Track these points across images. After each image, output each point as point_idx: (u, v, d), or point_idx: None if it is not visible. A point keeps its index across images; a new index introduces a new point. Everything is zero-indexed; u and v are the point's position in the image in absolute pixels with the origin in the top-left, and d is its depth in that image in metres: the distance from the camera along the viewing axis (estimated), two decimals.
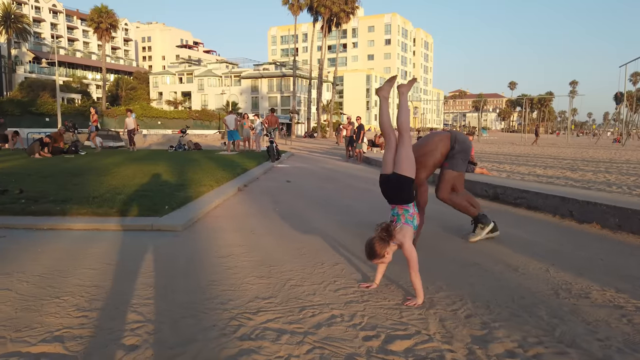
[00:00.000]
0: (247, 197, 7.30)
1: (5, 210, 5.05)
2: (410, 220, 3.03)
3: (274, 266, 3.66)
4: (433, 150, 4.30)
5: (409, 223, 3.02)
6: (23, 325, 2.55)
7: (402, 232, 2.96)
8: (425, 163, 4.25)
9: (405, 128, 3.22)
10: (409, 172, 3.09)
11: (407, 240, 2.94)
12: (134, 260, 3.78)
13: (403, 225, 2.99)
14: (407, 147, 3.13)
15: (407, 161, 3.10)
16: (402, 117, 3.29)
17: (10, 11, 58.53)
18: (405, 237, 2.94)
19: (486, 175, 9.22)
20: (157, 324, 2.59)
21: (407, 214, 3.04)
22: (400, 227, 2.98)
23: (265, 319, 2.66)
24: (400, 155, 3.12)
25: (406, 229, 2.98)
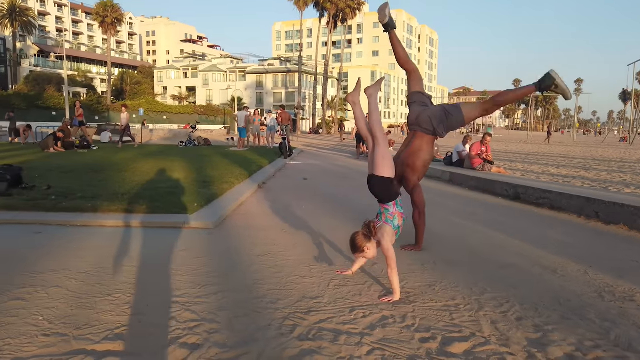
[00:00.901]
0: (268, 194, 7.33)
1: (37, 206, 5.09)
2: (390, 220, 3.13)
3: (313, 266, 3.69)
4: (418, 151, 4.23)
5: (389, 222, 3.12)
6: (82, 322, 2.59)
7: (381, 230, 3.07)
8: (414, 165, 4.20)
9: (377, 130, 3.27)
10: (386, 172, 3.18)
11: (385, 238, 3.04)
12: (173, 258, 3.81)
13: (382, 224, 3.11)
14: (382, 148, 3.22)
15: (382, 162, 3.18)
16: (373, 119, 3.30)
17: (15, 4, 58.44)
18: (384, 236, 3.04)
19: (505, 175, 9.23)
20: (213, 322, 2.62)
21: (387, 213, 3.15)
22: (380, 226, 3.10)
23: (318, 319, 2.69)
24: (376, 156, 3.21)
25: (385, 228, 3.09)
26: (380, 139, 3.22)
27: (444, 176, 9.76)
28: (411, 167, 4.20)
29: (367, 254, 3.06)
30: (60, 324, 2.57)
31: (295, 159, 14.92)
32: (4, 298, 2.88)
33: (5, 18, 57.95)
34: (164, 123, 47.98)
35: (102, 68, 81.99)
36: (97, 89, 69.86)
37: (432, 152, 4.36)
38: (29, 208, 5.05)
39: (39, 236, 4.35)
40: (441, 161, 12.24)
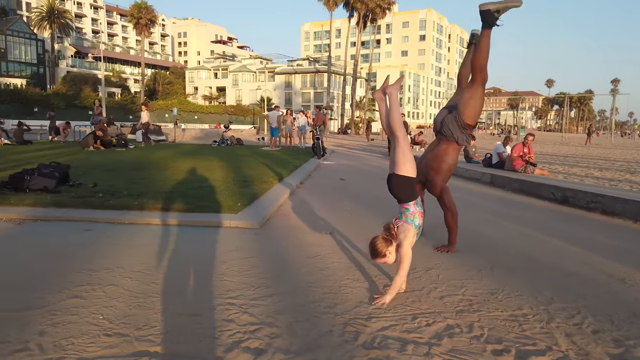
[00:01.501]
0: (308, 195, 7.26)
1: (85, 203, 5.15)
2: (410, 219, 3.02)
3: (364, 269, 3.60)
4: (444, 155, 4.17)
5: (409, 222, 3.01)
6: (142, 323, 2.56)
7: (402, 230, 2.98)
8: (439, 168, 4.14)
9: (397, 128, 3.17)
10: (406, 171, 3.07)
11: (405, 240, 2.95)
12: (224, 258, 3.77)
13: (403, 224, 3.01)
14: (402, 147, 3.11)
15: (402, 160, 3.08)
16: (393, 117, 3.21)
17: (54, 7, 60.39)
18: (406, 236, 2.95)
19: (551, 178, 8.92)
20: (273, 326, 2.56)
21: (408, 212, 3.04)
22: (400, 225, 3.01)
23: (380, 326, 2.59)
24: (396, 155, 3.11)
25: (406, 228, 2.99)
26: (401, 137, 3.13)
27: (484, 178, 9.51)
28: (435, 170, 4.15)
29: (389, 259, 2.96)
30: (120, 323, 2.55)
31: (328, 159, 14.84)
32: (62, 296, 2.88)
33: (44, 20, 59.96)
34: (195, 123, 48.67)
35: (135, 68, 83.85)
36: (130, 89, 71.51)
37: (457, 158, 4.27)
38: (77, 205, 5.12)
39: (89, 233, 4.39)
40: (478, 162, 11.96)
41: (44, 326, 2.48)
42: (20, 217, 4.76)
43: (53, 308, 2.70)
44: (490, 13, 3.71)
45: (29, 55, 69.23)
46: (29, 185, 5.50)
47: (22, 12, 75.32)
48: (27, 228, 4.54)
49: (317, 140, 14.00)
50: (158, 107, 50.92)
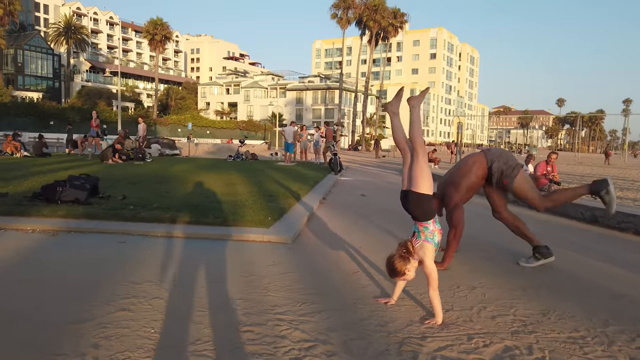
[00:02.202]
0: (332, 210, 7.21)
1: (117, 215, 5.16)
2: (430, 238, 2.95)
3: (408, 287, 3.53)
4: (467, 173, 4.16)
5: (429, 240, 2.95)
6: (194, 337, 2.52)
7: (422, 249, 2.92)
8: (459, 185, 4.14)
9: (418, 143, 3.04)
10: (424, 188, 2.95)
11: (428, 257, 2.90)
12: (263, 272, 3.73)
13: (423, 243, 2.94)
14: (421, 163, 2.99)
15: (421, 177, 2.96)
16: (414, 131, 3.09)
17: (71, 23, 61.66)
18: (426, 255, 2.90)
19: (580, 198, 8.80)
20: (328, 344, 2.50)
21: (427, 231, 2.96)
22: (420, 244, 2.94)
23: (436, 346, 2.52)
24: (414, 171, 2.99)
25: (426, 247, 2.93)
26: (420, 153, 3.00)
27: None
28: (455, 185, 4.14)
29: (408, 276, 2.93)
30: (173, 337, 2.51)
31: (345, 174, 14.82)
32: (110, 308, 2.86)
33: (61, 36, 61.20)
34: (207, 137, 49.08)
35: (148, 84, 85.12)
36: (143, 104, 72.43)
37: (482, 176, 4.21)
38: (109, 217, 5.12)
39: (123, 246, 4.37)
40: None
41: (98, 339, 2.45)
42: (54, 229, 4.76)
43: (103, 321, 2.67)
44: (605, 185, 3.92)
45: (45, 70, 70.61)
46: (60, 196, 5.52)
47: (40, 27, 77.14)
48: (61, 239, 4.54)
49: (335, 156, 14.00)
50: (171, 121, 51.48)
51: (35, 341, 2.39)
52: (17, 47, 65.53)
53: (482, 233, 5.83)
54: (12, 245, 4.26)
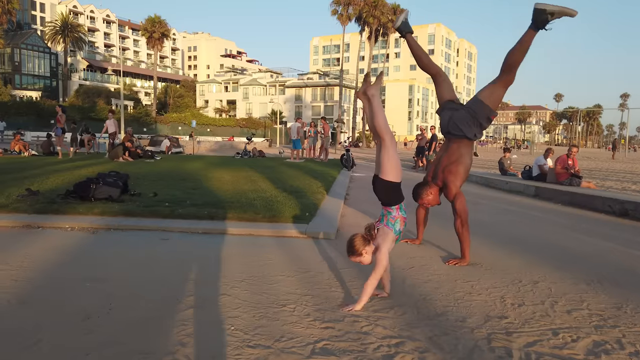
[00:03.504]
0: (359, 205, 7.15)
1: (155, 212, 5.08)
2: (391, 224, 2.96)
3: (469, 281, 3.48)
4: (458, 157, 4.02)
5: (390, 226, 2.96)
6: (277, 334, 2.46)
7: (382, 234, 2.93)
8: (457, 171, 4.00)
9: (384, 131, 3.02)
10: (390, 176, 2.99)
11: (383, 244, 2.89)
12: (319, 268, 3.68)
13: (383, 227, 2.95)
14: (389, 150, 2.98)
15: (388, 164, 2.98)
16: (377, 119, 3.05)
17: (68, 21, 61.19)
18: (384, 240, 2.90)
19: (604, 191, 8.78)
20: (416, 340, 2.44)
21: (390, 216, 2.98)
22: (381, 229, 2.95)
23: (525, 342, 2.46)
24: (382, 158, 3.00)
25: (385, 232, 2.93)
26: (387, 140, 2.99)
27: (527, 190, 9.37)
28: (454, 174, 4.01)
29: (364, 259, 2.88)
30: (256, 335, 2.45)
31: (356, 171, 14.75)
32: (181, 306, 2.79)
33: (58, 34, 60.71)
34: (207, 135, 48.84)
35: (145, 82, 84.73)
36: (142, 102, 72.10)
37: (472, 156, 4.12)
38: (147, 214, 5.04)
39: (169, 243, 4.30)
40: (514, 174, 11.83)
41: (181, 336, 2.38)
42: (93, 226, 4.68)
43: (180, 318, 2.61)
44: (544, 14, 3.54)
45: (42, 69, 70.16)
46: (94, 194, 5.43)
47: (37, 26, 76.52)
48: (103, 237, 4.46)
49: (347, 151, 13.92)
50: (172, 119, 51.25)
51: (119, 339, 2.32)
52: (14, 46, 65.06)
53: (526, 229, 5.79)
54: (58, 243, 4.17)
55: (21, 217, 4.83)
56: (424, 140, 16.09)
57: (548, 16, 3.54)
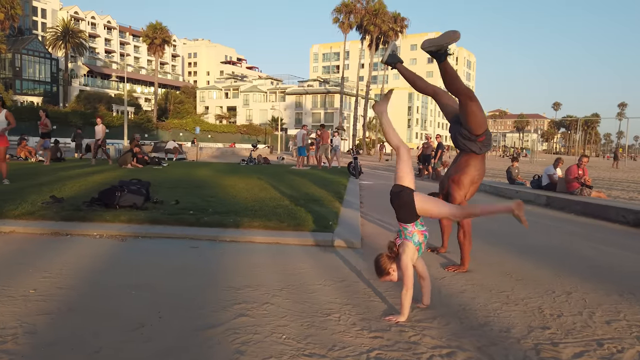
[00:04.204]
0: (376, 214, 7.19)
1: (181, 220, 5.11)
2: (409, 237, 3.03)
3: (504, 291, 3.52)
4: (465, 167, 4.05)
5: (408, 239, 3.03)
6: (328, 343, 2.49)
7: (402, 247, 3.01)
8: (459, 180, 4.04)
9: (394, 144, 3.19)
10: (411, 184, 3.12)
11: (404, 254, 2.96)
12: (352, 277, 3.72)
13: (403, 241, 3.03)
14: (406, 162, 3.14)
15: (407, 178, 3.11)
16: (388, 135, 3.24)
17: (69, 27, 61.37)
18: (404, 251, 2.97)
19: (617, 200, 8.85)
20: (467, 351, 2.48)
21: (406, 231, 3.06)
22: (401, 243, 3.03)
23: (572, 353, 2.51)
24: (400, 170, 3.14)
25: (406, 244, 3.00)
26: (402, 153, 3.15)
27: (538, 200, 9.43)
28: (456, 183, 4.05)
29: (393, 277, 2.96)
30: (308, 344, 2.48)
31: (363, 179, 14.81)
32: (228, 314, 2.82)
33: (59, 40, 60.85)
34: (208, 141, 48.90)
35: (145, 88, 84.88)
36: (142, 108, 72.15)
37: (481, 169, 4.10)
38: (172, 222, 5.07)
39: (199, 251, 4.33)
40: (522, 183, 11.91)
41: (237, 345, 2.42)
42: (121, 234, 4.71)
43: (230, 327, 2.64)
44: (435, 52, 3.65)
45: (43, 74, 70.31)
46: (119, 201, 5.47)
47: (38, 31, 76.74)
48: (132, 245, 4.49)
49: (355, 160, 13.99)
50: (173, 126, 51.28)
51: (178, 347, 2.36)
52: (15, 51, 65.22)
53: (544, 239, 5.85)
54: (90, 251, 4.20)
55: (49, 225, 4.86)
56: (430, 149, 16.17)
57: (438, 52, 3.64)
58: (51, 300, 2.92)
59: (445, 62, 3.76)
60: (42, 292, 3.05)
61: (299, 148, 18.64)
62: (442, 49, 3.68)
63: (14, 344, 2.32)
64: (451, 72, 3.79)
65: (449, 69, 3.78)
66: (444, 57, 3.73)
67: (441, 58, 3.73)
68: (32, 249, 4.20)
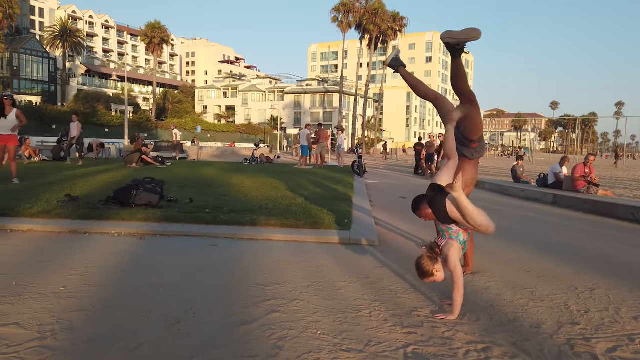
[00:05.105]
0: (385, 212, 7.20)
1: (197, 219, 5.12)
2: (454, 236, 3.04)
3: (527, 288, 3.54)
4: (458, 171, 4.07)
5: (454, 238, 3.04)
6: (364, 339, 2.51)
7: (447, 247, 2.99)
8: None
9: (452, 153, 3.35)
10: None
11: (452, 255, 2.95)
12: (377, 274, 3.73)
13: (448, 240, 3.02)
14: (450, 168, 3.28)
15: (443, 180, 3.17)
16: (450, 143, 3.42)
17: (67, 26, 61.17)
18: (450, 252, 2.96)
19: (625, 199, 8.89)
20: (502, 346, 2.50)
21: (451, 231, 3.06)
22: (445, 243, 3.02)
23: (606, 348, 2.53)
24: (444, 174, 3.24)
25: (452, 244, 3.00)
26: (452, 161, 3.33)
27: (544, 198, 9.47)
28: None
29: (437, 277, 2.95)
30: (344, 339, 2.50)
31: (368, 178, 14.84)
32: (260, 310, 2.84)
33: (57, 39, 60.62)
34: (208, 141, 48.87)
35: (143, 87, 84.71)
36: (141, 107, 72.01)
37: (474, 174, 4.03)
38: (189, 221, 5.08)
39: (219, 249, 4.34)
40: (527, 182, 11.95)
41: (274, 340, 2.44)
42: (139, 232, 4.72)
43: (264, 323, 2.65)
44: (449, 45, 3.62)
45: (41, 73, 70.07)
46: (135, 200, 5.47)
47: (36, 31, 76.45)
48: (152, 243, 4.50)
49: (360, 159, 14.01)
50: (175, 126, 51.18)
51: (216, 343, 2.37)
52: (12, 50, 64.95)
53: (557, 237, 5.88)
54: (111, 249, 4.21)
55: (66, 223, 4.86)
56: (433, 148, 16.22)
57: (455, 46, 3.60)
58: (82, 297, 2.93)
59: (459, 59, 3.75)
60: (72, 290, 3.06)
61: (302, 147, 18.65)
62: (460, 43, 3.66)
63: (54, 340, 2.33)
64: (462, 71, 3.78)
65: (460, 67, 3.77)
66: (459, 52, 3.71)
67: (457, 53, 3.71)
68: (52, 247, 4.20)
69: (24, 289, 3.05)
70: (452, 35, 3.64)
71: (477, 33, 3.57)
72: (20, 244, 4.27)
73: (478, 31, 3.57)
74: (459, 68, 3.75)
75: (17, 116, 8.15)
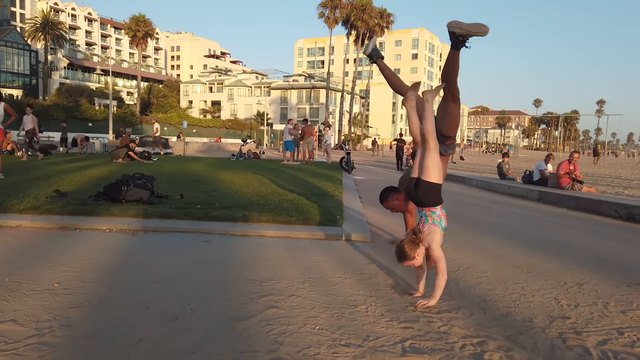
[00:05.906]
0: (376, 208, 7.23)
1: (189, 215, 5.10)
2: (437, 222, 3.06)
3: (518, 283, 3.61)
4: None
5: (437, 224, 3.05)
6: (364, 334, 2.54)
7: (430, 233, 3.01)
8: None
9: (431, 136, 3.14)
10: (435, 178, 3.10)
11: (435, 242, 3.00)
12: (370, 270, 3.77)
13: (431, 226, 3.04)
14: (433, 153, 3.11)
15: (432, 167, 3.09)
16: (428, 124, 3.18)
17: (49, 18, 59.97)
18: (434, 239, 3.00)
19: (608, 195, 9.08)
20: (496, 340, 2.55)
21: (434, 215, 3.08)
22: (428, 228, 3.04)
23: (596, 341, 2.59)
24: (425, 161, 3.10)
25: (434, 230, 3.02)
26: (432, 144, 3.12)
27: (530, 194, 9.63)
28: None
29: (416, 262, 3.02)
30: (343, 334, 2.53)
31: (355, 174, 14.89)
32: (258, 306, 2.85)
33: (38, 31, 59.42)
34: (193, 136, 48.46)
35: (127, 81, 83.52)
36: (124, 102, 71.03)
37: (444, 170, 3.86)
38: (181, 216, 5.06)
39: (213, 245, 4.34)
40: (513, 179, 12.12)
41: (274, 335, 2.46)
42: (131, 228, 4.69)
43: (262, 318, 2.67)
44: (454, 36, 3.56)
45: (22, 66, 68.62)
46: (125, 196, 5.42)
47: (16, 22, 74.79)
48: (143, 239, 4.48)
49: (348, 155, 14.05)
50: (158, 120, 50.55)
51: (216, 338, 2.38)
52: None
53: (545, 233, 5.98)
54: (103, 245, 4.18)
55: (56, 219, 4.81)
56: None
57: (459, 38, 3.54)
58: (78, 293, 2.91)
59: (457, 52, 3.75)
60: (67, 286, 3.03)
61: (285, 142, 18.59)
62: (466, 36, 3.65)
63: (53, 337, 2.31)
64: (457, 64, 3.78)
65: (457, 59, 3.74)
66: (461, 45, 3.70)
67: (459, 45, 3.70)
68: (43, 244, 4.15)
69: (18, 285, 3.02)
70: (461, 25, 3.54)
71: (485, 29, 3.51)
72: (9, 240, 4.21)
73: (486, 28, 3.53)
74: (455, 60, 3.71)
75: (5, 110, 7.99)
